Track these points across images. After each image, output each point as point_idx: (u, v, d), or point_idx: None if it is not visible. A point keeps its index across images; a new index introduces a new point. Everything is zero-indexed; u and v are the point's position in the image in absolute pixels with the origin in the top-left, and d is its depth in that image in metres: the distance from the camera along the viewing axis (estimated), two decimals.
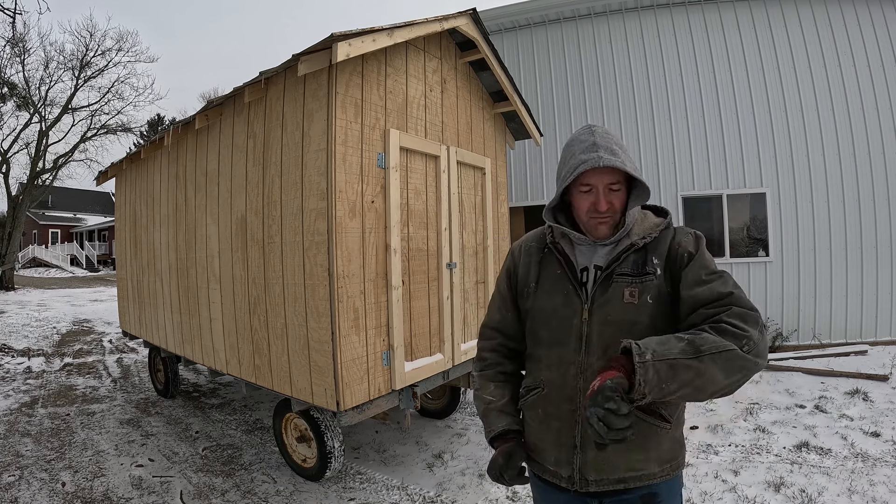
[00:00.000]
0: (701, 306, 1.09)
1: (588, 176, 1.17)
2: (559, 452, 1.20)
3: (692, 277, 1.13)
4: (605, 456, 1.13)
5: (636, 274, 1.17)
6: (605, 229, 1.21)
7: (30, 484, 3.27)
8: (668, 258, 1.18)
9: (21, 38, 15.72)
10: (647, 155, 6.76)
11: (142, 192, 5.22)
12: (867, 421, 3.95)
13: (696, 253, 1.17)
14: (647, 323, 1.14)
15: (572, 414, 1.18)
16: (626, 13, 6.91)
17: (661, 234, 1.22)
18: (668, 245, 1.20)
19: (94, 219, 38.02)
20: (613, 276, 1.18)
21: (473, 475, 3.33)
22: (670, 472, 1.18)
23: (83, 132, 19.31)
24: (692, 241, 1.20)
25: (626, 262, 1.19)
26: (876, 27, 6.19)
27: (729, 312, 1.05)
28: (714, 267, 1.16)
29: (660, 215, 1.28)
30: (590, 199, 1.19)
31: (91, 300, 14.73)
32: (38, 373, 6.26)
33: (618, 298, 1.16)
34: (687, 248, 1.18)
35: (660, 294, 1.16)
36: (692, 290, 1.12)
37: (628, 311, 1.15)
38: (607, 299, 1.17)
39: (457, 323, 3.84)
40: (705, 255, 1.18)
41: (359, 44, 2.81)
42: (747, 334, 1.00)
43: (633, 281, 1.17)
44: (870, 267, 6.19)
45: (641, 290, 1.15)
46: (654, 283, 1.16)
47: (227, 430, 4.24)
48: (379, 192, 3.18)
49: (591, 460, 1.16)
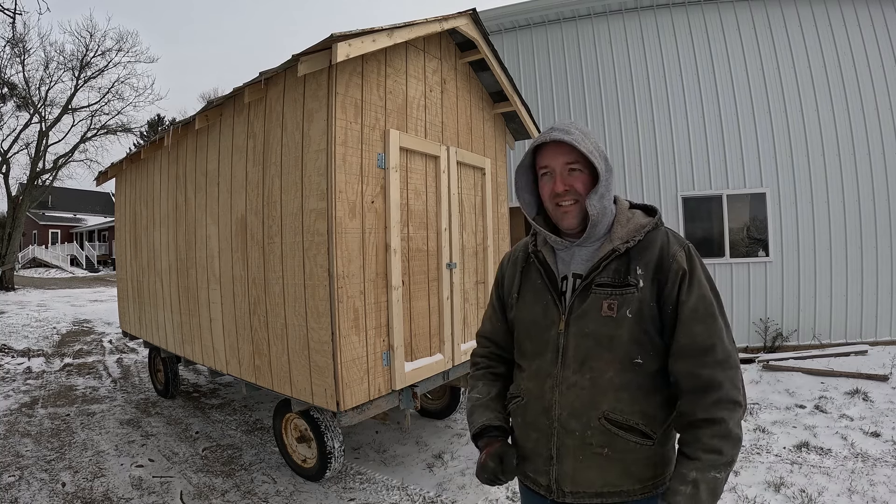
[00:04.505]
0: (688, 355, 1.07)
1: (545, 156, 1.16)
2: (537, 462, 1.18)
3: (688, 310, 1.08)
4: (580, 470, 1.12)
5: (616, 284, 1.11)
6: (571, 219, 1.16)
7: (30, 484, 3.27)
8: (657, 269, 1.10)
9: (21, 39, 15.75)
10: (647, 155, 6.76)
11: (142, 193, 5.22)
12: (867, 421, 3.95)
13: (692, 274, 1.09)
14: (625, 338, 1.09)
15: (549, 426, 1.15)
16: (626, 13, 6.91)
17: (648, 238, 1.14)
18: (658, 254, 1.11)
19: (94, 219, 38.03)
20: (592, 286, 1.12)
21: (473, 475, 3.33)
22: (651, 490, 1.13)
23: (83, 132, 19.34)
24: (685, 256, 1.11)
25: (606, 271, 1.12)
26: (876, 27, 6.19)
27: (712, 428, 1.03)
28: (708, 293, 1.09)
29: (649, 215, 1.20)
30: (550, 182, 1.16)
31: (91, 300, 14.73)
32: (38, 373, 6.26)
33: (595, 310, 1.11)
34: (682, 265, 1.09)
35: (641, 308, 1.09)
36: (687, 327, 1.08)
37: (606, 325, 1.10)
38: (585, 311, 1.12)
39: (457, 323, 3.84)
40: (702, 279, 1.10)
41: (359, 44, 2.81)
42: (725, 459, 1.03)
43: (613, 292, 1.10)
44: (870, 267, 6.19)
45: (621, 303, 1.09)
46: (635, 295, 1.09)
47: (227, 431, 4.24)
48: (379, 192, 3.18)
49: (566, 473, 1.14)
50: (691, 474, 1.02)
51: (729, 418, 1.04)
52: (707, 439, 1.03)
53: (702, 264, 1.13)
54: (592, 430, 1.10)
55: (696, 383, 1.06)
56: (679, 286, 1.09)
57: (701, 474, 1.02)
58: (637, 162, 6.76)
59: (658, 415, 1.12)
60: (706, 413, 1.04)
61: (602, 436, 1.10)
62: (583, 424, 1.11)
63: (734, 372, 1.07)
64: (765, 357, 5.80)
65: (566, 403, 1.13)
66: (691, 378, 1.07)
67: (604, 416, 1.10)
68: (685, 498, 1.01)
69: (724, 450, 1.03)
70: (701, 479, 1.01)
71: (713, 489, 1.02)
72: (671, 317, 1.09)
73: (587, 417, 1.11)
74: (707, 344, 1.06)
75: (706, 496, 1.01)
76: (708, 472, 1.02)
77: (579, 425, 1.11)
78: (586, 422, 1.11)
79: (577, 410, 1.11)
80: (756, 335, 6.37)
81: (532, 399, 1.19)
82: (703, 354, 1.06)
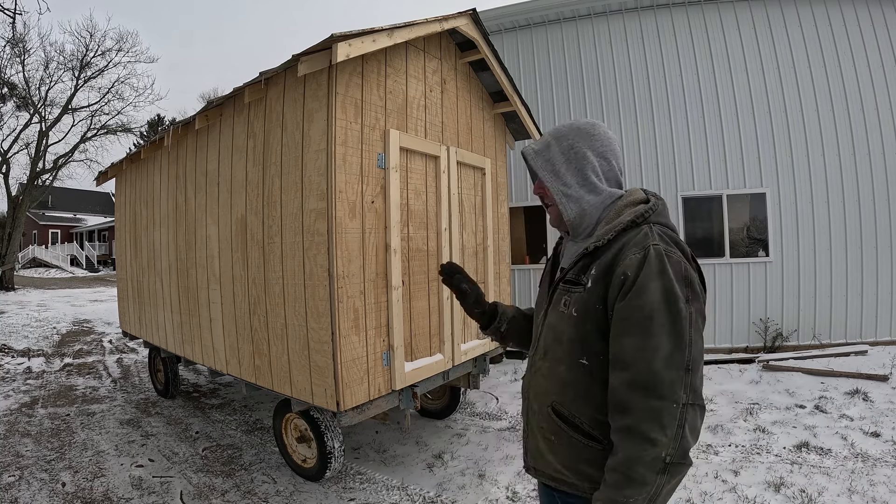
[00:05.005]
0: (613, 366, 1.01)
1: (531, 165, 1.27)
2: (523, 432, 1.29)
3: (619, 318, 1.01)
4: (539, 451, 1.19)
5: (573, 282, 1.12)
6: (553, 219, 1.26)
7: (30, 484, 3.27)
8: (607, 271, 1.05)
9: (21, 39, 15.76)
10: (647, 155, 6.76)
11: (142, 193, 5.22)
12: (867, 421, 3.95)
13: (636, 279, 0.98)
14: (571, 336, 1.10)
15: (526, 404, 1.25)
16: (626, 13, 6.91)
17: (619, 237, 1.08)
18: (613, 255, 1.05)
19: (94, 219, 38.04)
20: (561, 281, 1.17)
21: (473, 475, 3.33)
22: None
23: (83, 132, 19.35)
24: (636, 262, 0.99)
25: (575, 268, 1.13)
26: (876, 27, 6.19)
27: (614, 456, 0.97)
28: (651, 304, 0.96)
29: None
30: None
31: (91, 300, 14.73)
32: (38, 373, 6.26)
33: (557, 305, 1.16)
34: (626, 268, 1.00)
35: (587, 308, 1.07)
36: (616, 337, 1.01)
37: (560, 321, 1.14)
38: (553, 304, 1.18)
39: (457, 323, 3.84)
40: (650, 287, 0.97)
41: (359, 44, 2.81)
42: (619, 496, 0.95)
43: (569, 289, 1.12)
44: (870, 267, 6.19)
45: (570, 301, 1.11)
46: (581, 295, 1.08)
47: (227, 431, 4.24)
48: (379, 192, 3.18)
49: (531, 449, 1.23)
50: (601, 492, 1.00)
51: (631, 453, 0.93)
52: (610, 461, 0.98)
53: (663, 270, 0.98)
54: (542, 416, 1.17)
55: (612, 400, 1.00)
56: (619, 290, 1.01)
57: (601, 494, 0.99)
58: (637, 162, 6.76)
59: (607, 420, 1.05)
60: (614, 436, 0.99)
61: (549, 423, 1.15)
62: (539, 408, 1.18)
63: (659, 403, 0.92)
64: (765, 357, 5.80)
65: (534, 385, 1.22)
66: (611, 393, 1.00)
67: (551, 406, 1.15)
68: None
69: (619, 484, 0.94)
70: (601, 498, 0.99)
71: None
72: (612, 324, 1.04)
73: (540, 403, 1.18)
74: (628, 360, 0.96)
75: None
76: (607, 492, 0.97)
77: (538, 407, 1.19)
78: (539, 408, 1.18)
79: (538, 395, 1.19)
80: (756, 335, 6.37)
81: (523, 377, 1.30)
82: (622, 370, 0.97)
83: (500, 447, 3.77)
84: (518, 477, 3.28)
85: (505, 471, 3.38)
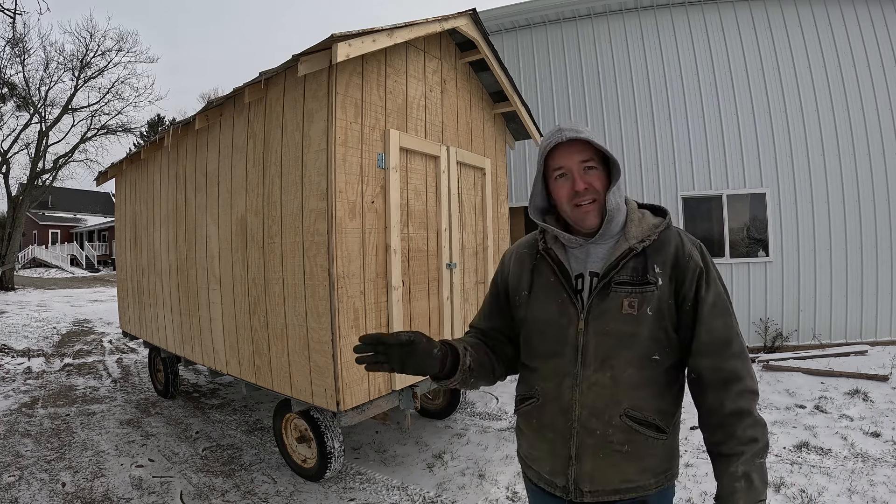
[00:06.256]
0: (711, 350, 1.12)
1: (558, 158, 1.15)
2: (554, 463, 1.17)
3: (708, 307, 1.12)
4: (600, 468, 1.12)
5: (636, 283, 1.12)
6: (593, 218, 1.15)
7: (30, 484, 3.27)
8: (675, 267, 1.13)
9: (21, 39, 15.73)
10: (647, 155, 6.76)
11: (142, 193, 5.22)
12: (867, 421, 3.95)
13: (708, 272, 1.14)
14: (645, 335, 1.11)
15: (568, 426, 1.14)
16: (626, 13, 6.91)
17: (662, 237, 1.17)
18: (674, 252, 1.15)
19: (94, 219, 38.03)
20: (612, 284, 1.13)
21: (473, 475, 3.33)
22: (664, 482, 1.16)
23: (83, 132, 19.32)
24: (700, 255, 1.15)
25: (625, 269, 1.13)
26: (876, 27, 6.19)
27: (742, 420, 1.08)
28: (722, 290, 1.15)
29: (658, 215, 1.22)
30: (567, 183, 1.15)
31: (91, 300, 14.73)
32: (38, 373, 6.26)
33: (616, 309, 1.11)
34: (699, 263, 1.14)
35: (660, 306, 1.11)
36: (708, 324, 1.12)
37: (628, 323, 1.11)
38: (605, 309, 1.12)
39: (457, 323, 3.84)
40: (716, 276, 1.16)
41: (359, 44, 2.81)
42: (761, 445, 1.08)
43: (633, 290, 1.12)
44: (870, 267, 6.19)
45: (641, 301, 1.11)
46: (654, 293, 1.11)
47: (227, 431, 4.24)
48: (379, 192, 3.18)
49: (586, 472, 1.13)
50: (739, 469, 1.06)
51: (753, 407, 1.10)
52: (741, 432, 1.07)
53: (713, 262, 1.17)
54: (614, 429, 1.11)
55: (720, 377, 1.11)
56: (697, 284, 1.13)
57: (748, 466, 1.06)
58: (637, 162, 6.76)
59: (670, 409, 1.16)
60: (733, 404, 1.08)
61: (623, 433, 1.11)
62: (604, 423, 1.12)
63: (749, 363, 1.14)
64: (765, 357, 5.80)
65: (587, 402, 1.13)
66: (715, 372, 1.11)
67: (625, 413, 1.11)
68: (744, 493, 1.05)
69: (759, 436, 1.08)
70: (750, 469, 1.06)
71: (762, 475, 1.06)
72: (689, 314, 1.13)
73: (608, 415, 1.11)
74: (726, 338, 1.11)
75: (760, 484, 1.06)
76: (753, 461, 1.06)
77: (600, 424, 1.12)
78: (608, 420, 1.11)
79: (598, 409, 1.12)
80: (756, 335, 6.37)
81: (549, 400, 1.18)
82: (724, 348, 1.11)
83: (500, 447, 3.77)
84: (518, 477, 3.28)
85: (505, 471, 3.38)
